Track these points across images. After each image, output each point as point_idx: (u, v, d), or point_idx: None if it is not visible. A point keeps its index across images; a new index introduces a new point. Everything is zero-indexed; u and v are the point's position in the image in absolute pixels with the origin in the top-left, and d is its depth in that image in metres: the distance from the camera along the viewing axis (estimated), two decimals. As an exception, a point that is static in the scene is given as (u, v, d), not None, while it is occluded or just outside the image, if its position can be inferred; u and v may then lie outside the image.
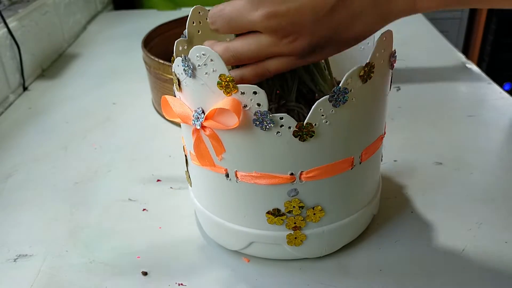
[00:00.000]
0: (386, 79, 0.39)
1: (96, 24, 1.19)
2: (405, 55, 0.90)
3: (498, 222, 0.48)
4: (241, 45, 0.36)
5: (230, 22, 0.35)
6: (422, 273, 0.43)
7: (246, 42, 0.36)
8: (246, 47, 0.36)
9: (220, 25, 0.36)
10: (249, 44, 0.36)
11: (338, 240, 0.44)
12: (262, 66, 0.37)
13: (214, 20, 0.36)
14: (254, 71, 0.37)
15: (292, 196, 0.39)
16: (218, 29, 0.36)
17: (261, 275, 0.43)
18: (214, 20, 0.36)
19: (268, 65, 0.37)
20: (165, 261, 0.45)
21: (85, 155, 0.63)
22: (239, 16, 0.35)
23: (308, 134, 0.36)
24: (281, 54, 0.36)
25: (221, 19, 0.36)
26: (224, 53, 0.36)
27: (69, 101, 0.79)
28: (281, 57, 0.36)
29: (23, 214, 0.53)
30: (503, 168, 0.56)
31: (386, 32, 0.35)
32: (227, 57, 0.36)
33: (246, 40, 0.36)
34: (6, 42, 0.79)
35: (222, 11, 0.36)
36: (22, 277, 0.44)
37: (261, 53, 0.36)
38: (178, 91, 0.39)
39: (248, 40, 0.36)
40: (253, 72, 0.37)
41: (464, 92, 0.75)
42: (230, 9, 0.35)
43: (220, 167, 0.39)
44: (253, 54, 0.36)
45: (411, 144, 0.62)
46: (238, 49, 0.36)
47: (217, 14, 0.36)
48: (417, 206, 0.51)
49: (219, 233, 0.45)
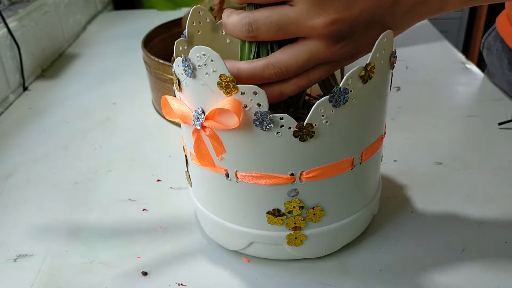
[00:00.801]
0: (386, 79, 0.39)
1: (96, 24, 1.19)
2: (405, 55, 0.90)
3: (498, 222, 0.48)
4: (287, 57, 0.34)
5: (280, 29, 0.33)
6: (422, 273, 0.43)
7: (293, 53, 0.34)
8: (294, 58, 0.34)
9: (265, 31, 0.34)
10: (297, 55, 0.34)
11: (338, 240, 0.44)
12: (306, 78, 0.35)
13: (257, 26, 0.33)
14: (296, 86, 0.35)
15: (292, 196, 0.39)
16: (258, 35, 0.34)
17: (261, 275, 0.43)
18: (257, 26, 0.33)
19: (312, 76, 0.35)
20: (165, 261, 0.45)
21: (85, 155, 0.63)
22: (294, 23, 0.33)
23: (308, 134, 0.36)
24: (328, 61, 0.35)
25: (267, 26, 0.33)
26: (266, 70, 0.34)
27: (69, 101, 0.79)
28: (325, 64, 0.35)
29: (23, 214, 0.53)
30: (503, 168, 0.56)
31: (387, 32, 0.35)
32: (269, 74, 0.34)
33: (292, 49, 0.34)
34: (6, 42, 0.79)
35: (269, 17, 0.33)
36: (22, 277, 0.44)
37: (310, 63, 0.34)
38: (178, 91, 0.39)
39: (295, 49, 0.34)
40: (295, 87, 0.35)
41: (464, 92, 0.75)
42: (279, 16, 0.33)
43: (220, 167, 0.39)
44: (303, 65, 0.34)
45: (411, 144, 0.62)
46: (284, 62, 0.34)
47: (262, 21, 0.33)
48: (417, 206, 0.51)
49: (219, 233, 0.45)
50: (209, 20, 0.45)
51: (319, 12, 0.32)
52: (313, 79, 0.36)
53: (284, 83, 0.36)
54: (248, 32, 0.34)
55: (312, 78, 0.36)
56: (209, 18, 0.45)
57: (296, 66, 0.34)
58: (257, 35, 0.34)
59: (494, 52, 0.76)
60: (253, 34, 0.34)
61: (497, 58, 0.75)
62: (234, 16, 0.35)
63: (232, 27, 0.35)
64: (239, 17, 0.34)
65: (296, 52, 0.34)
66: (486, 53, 0.79)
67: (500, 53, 0.74)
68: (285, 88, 0.35)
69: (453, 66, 0.84)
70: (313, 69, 0.35)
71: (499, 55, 0.74)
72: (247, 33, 0.34)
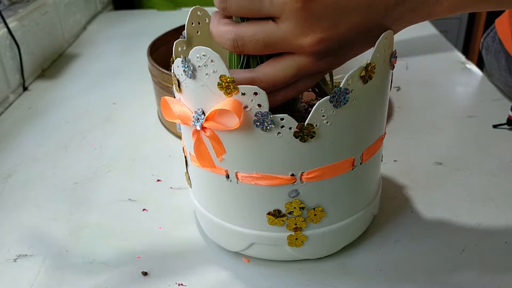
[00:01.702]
0: (386, 79, 0.39)
1: (96, 24, 1.19)
2: (405, 55, 0.90)
3: (498, 222, 0.48)
4: (274, 72, 0.34)
5: (267, 47, 0.33)
6: (422, 273, 0.43)
7: (281, 68, 0.34)
8: (281, 73, 0.34)
9: (252, 49, 0.34)
10: (284, 70, 0.34)
11: (339, 240, 0.44)
12: (294, 89, 0.36)
13: (243, 43, 0.33)
14: (283, 97, 0.36)
15: (293, 197, 0.39)
16: (245, 51, 0.34)
17: (261, 275, 0.43)
18: (243, 43, 0.33)
19: (300, 87, 0.35)
20: (165, 261, 0.45)
21: (85, 155, 0.63)
22: (280, 41, 0.33)
23: (308, 135, 0.36)
24: (316, 73, 0.35)
25: (253, 44, 0.33)
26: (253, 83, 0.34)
27: (69, 101, 0.79)
28: (312, 75, 0.35)
29: (23, 214, 0.53)
30: (503, 168, 0.56)
31: (387, 32, 0.35)
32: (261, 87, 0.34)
33: (279, 65, 0.34)
34: (6, 42, 0.79)
35: (255, 36, 0.33)
36: (22, 277, 0.44)
37: (298, 76, 0.34)
38: (177, 92, 0.39)
39: (282, 64, 0.34)
40: (283, 98, 0.36)
41: (463, 92, 0.75)
42: (266, 34, 0.33)
43: (220, 168, 0.39)
44: (290, 78, 0.34)
45: (411, 144, 0.62)
46: (271, 77, 0.34)
47: (248, 38, 0.33)
48: (417, 206, 0.51)
49: (219, 234, 0.45)
50: (208, 21, 0.45)
51: (306, 32, 0.32)
52: (301, 90, 0.36)
53: (276, 95, 0.36)
54: (234, 47, 0.34)
55: (302, 89, 0.36)
56: (208, 18, 0.45)
57: (283, 81, 0.34)
58: (243, 50, 0.34)
59: (492, 53, 0.76)
60: (239, 49, 0.34)
61: (495, 59, 0.75)
62: (221, 27, 0.35)
63: (218, 38, 0.35)
64: (225, 30, 0.34)
65: (283, 67, 0.34)
66: (485, 53, 0.80)
67: (498, 54, 0.74)
68: (273, 99, 0.36)
69: (453, 66, 0.84)
70: (302, 81, 0.36)
71: (497, 56, 0.75)
72: (233, 48, 0.34)
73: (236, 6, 0.33)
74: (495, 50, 0.74)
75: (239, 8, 0.33)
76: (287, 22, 0.32)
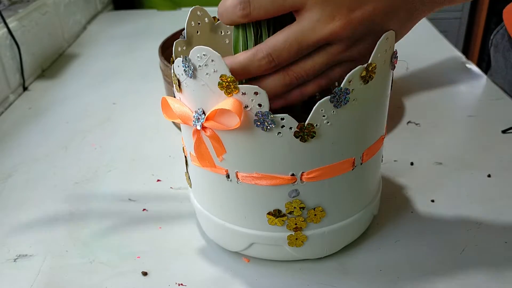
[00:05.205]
0: (387, 79, 0.39)
1: (96, 24, 1.19)
2: (405, 55, 0.90)
3: (498, 222, 0.48)
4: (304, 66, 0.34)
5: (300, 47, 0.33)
6: (422, 273, 0.43)
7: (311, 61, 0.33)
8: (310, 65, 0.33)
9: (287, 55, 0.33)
10: (314, 62, 0.33)
11: (339, 240, 0.44)
12: (327, 78, 0.35)
13: (278, 54, 0.33)
14: (317, 85, 0.35)
15: (293, 197, 0.39)
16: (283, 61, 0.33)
17: (261, 275, 0.43)
18: (278, 54, 0.33)
19: (333, 75, 0.35)
20: (165, 261, 0.45)
21: (85, 155, 0.63)
22: (309, 35, 0.32)
23: (309, 134, 0.36)
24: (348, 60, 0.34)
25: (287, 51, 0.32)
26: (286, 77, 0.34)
27: (69, 101, 0.79)
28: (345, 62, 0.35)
29: (23, 214, 0.53)
30: (503, 168, 0.56)
31: (388, 32, 0.35)
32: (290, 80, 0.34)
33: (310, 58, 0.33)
34: (6, 42, 0.79)
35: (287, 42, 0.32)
36: (22, 277, 0.44)
37: (329, 65, 0.34)
38: (178, 92, 0.39)
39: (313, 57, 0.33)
40: (316, 87, 0.35)
41: (464, 92, 0.75)
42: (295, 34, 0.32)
43: (220, 168, 0.39)
44: (321, 69, 0.34)
45: (411, 144, 0.62)
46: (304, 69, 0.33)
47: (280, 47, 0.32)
48: (417, 206, 0.51)
49: (219, 234, 0.45)
50: (208, 21, 0.45)
51: (333, 15, 0.32)
52: (333, 78, 0.36)
53: (307, 87, 0.36)
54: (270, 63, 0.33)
55: (333, 77, 0.36)
56: (208, 18, 0.45)
57: (315, 70, 0.34)
58: (279, 63, 0.34)
59: (500, 50, 0.76)
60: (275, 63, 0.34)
61: (503, 56, 0.75)
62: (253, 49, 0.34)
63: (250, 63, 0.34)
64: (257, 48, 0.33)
65: (313, 60, 0.34)
66: (493, 51, 0.79)
67: (506, 52, 0.74)
68: (305, 89, 0.35)
69: (453, 66, 0.84)
70: (334, 69, 0.35)
71: (505, 53, 0.74)
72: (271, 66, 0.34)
73: (260, 8, 0.32)
74: (504, 47, 0.74)
75: (263, 9, 0.32)
76: (314, 9, 0.32)
